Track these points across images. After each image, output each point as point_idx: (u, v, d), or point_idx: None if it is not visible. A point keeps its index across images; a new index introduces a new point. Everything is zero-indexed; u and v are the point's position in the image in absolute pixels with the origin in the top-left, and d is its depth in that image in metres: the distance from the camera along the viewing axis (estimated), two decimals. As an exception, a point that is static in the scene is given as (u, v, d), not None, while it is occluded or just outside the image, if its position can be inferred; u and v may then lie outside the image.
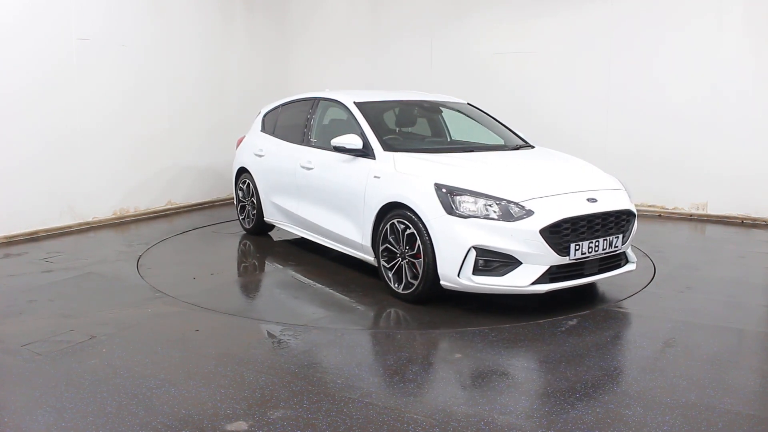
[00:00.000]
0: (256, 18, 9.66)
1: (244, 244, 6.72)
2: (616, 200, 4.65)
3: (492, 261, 4.26)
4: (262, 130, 6.86)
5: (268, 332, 4.15)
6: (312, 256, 6.03)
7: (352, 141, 5.16)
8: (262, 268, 5.97)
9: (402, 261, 4.65)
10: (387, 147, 5.11)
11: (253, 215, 6.78)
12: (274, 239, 6.81)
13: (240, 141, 7.18)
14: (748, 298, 4.86)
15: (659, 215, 8.05)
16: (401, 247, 4.64)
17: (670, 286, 5.12)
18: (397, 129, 6.03)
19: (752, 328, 4.29)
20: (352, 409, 3.08)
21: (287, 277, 5.53)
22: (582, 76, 8.39)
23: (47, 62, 6.78)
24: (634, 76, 8.05)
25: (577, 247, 4.32)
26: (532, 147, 5.68)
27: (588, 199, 4.47)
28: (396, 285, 4.73)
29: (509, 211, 4.25)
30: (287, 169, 6.08)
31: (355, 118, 5.43)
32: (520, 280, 4.24)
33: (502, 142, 5.72)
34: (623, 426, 2.93)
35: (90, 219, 7.37)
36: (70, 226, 7.13)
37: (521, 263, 4.23)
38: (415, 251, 4.52)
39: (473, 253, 4.23)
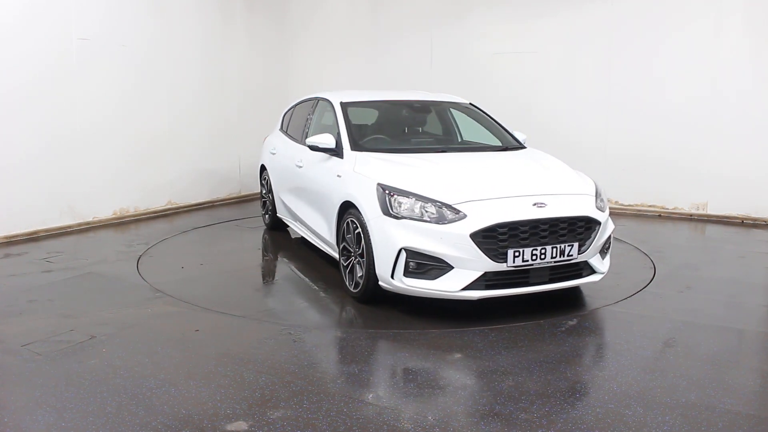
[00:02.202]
0: (256, 18, 9.65)
1: (252, 240, 6.78)
2: (571, 206, 4.38)
3: (424, 264, 4.17)
4: (279, 129, 7.06)
5: (268, 332, 4.14)
6: (310, 252, 6.03)
7: (325, 140, 5.24)
8: (254, 263, 5.97)
9: (353, 260, 4.68)
10: (356, 147, 5.15)
11: (270, 211, 7.00)
12: (292, 236, 6.87)
13: (265, 139, 7.42)
14: (748, 298, 4.86)
15: (659, 215, 8.05)
16: (353, 247, 4.66)
17: (670, 286, 5.12)
18: (404, 129, 6.06)
19: (752, 328, 4.29)
20: (352, 409, 3.08)
21: (280, 274, 5.53)
22: (582, 76, 8.38)
23: (47, 62, 6.78)
24: (634, 76, 8.05)
25: (517, 253, 4.12)
26: (523, 148, 5.56)
27: (535, 204, 4.25)
28: (349, 283, 4.77)
29: (442, 214, 4.17)
30: (288, 167, 6.23)
31: (336, 118, 5.51)
32: (450, 285, 4.13)
33: (498, 143, 5.66)
34: (623, 426, 2.93)
35: (90, 219, 7.37)
36: (70, 226, 7.13)
37: (452, 267, 4.12)
38: (360, 251, 4.54)
39: (404, 254, 4.19)
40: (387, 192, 4.36)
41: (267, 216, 7.17)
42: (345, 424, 2.94)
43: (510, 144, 5.64)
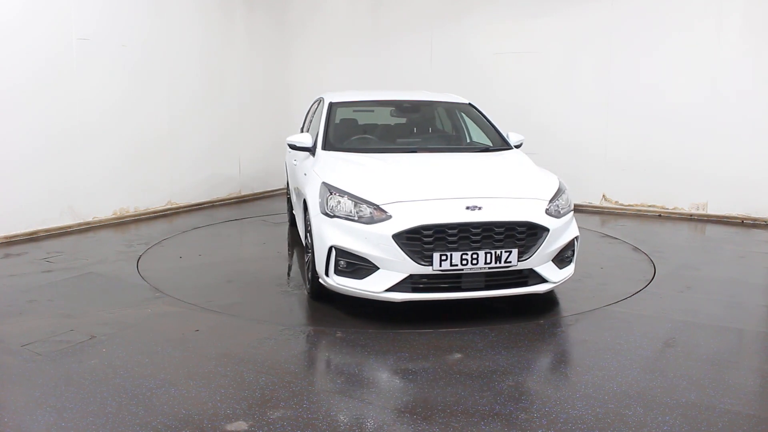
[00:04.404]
0: (256, 17, 9.66)
1: (263, 237, 6.84)
2: (511, 210, 4.18)
3: (352, 263, 4.18)
4: (300, 128, 7.22)
5: (268, 332, 4.15)
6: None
7: (302, 139, 5.34)
8: (259, 262, 5.96)
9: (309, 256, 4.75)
10: (327, 146, 5.20)
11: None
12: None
13: None
14: (748, 298, 4.86)
15: (659, 215, 8.05)
16: (310, 244, 4.74)
17: (670, 286, 5.12)
18: (397, 129, 6.07)
19: (752, 328, 4.29)
20: (352, 409, 3.08)
21: (283, 273, 5.55)
22: (582, 77, 8.39)
23: (47, 62, 6.77)
24: (634, 77, 8.05)
25: (444, 257, 4.00)
26: (509, 149, 5.41)
27: (468, 207, 4.10)
28: (305, 279, 4.86)
29: (372, 214, 4.16)
30: (291, 165, 6.39)
31: (321, 117, 5.59)
32: (375, 286, 4.12)
33: (489, 143, 5.59)
34: (623, 426, 2.93)
35: (90, 219, 7.37)
36: (70, 226, 7.12)
37: (378, 268, 4.09)
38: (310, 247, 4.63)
39: (334, 253, 4.22)
40: (329, 191, 4.39)
41: (288, 213, 7.39)
42: (345, 424, 2.94)
43: (498, 145, 5.51)
